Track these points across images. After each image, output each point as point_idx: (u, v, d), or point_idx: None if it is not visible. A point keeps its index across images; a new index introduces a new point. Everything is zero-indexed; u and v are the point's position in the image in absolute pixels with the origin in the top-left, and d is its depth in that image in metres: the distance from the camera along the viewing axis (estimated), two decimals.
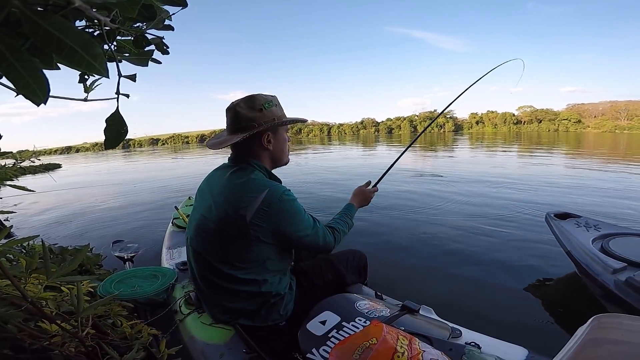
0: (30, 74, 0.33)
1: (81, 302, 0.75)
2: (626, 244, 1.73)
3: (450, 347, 0.94)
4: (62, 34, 0.31)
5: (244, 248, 1.06)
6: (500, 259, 2.53)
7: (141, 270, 1.61)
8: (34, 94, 0.34)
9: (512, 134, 49.18)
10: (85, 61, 0.33)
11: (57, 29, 0.31)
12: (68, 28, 0.31)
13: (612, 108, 69.37)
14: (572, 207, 3.85)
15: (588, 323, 0.72)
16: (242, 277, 1.08)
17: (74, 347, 0.83)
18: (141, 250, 3.00)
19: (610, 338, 0.70)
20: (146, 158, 22.42)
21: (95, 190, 7.61)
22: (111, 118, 0.48)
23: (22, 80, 0.33)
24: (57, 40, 0.31)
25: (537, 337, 1.65)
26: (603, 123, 62.83)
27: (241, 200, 1.03)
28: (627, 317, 0.71)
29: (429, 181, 6.03)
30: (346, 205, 1.44)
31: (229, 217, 1.04)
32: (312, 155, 15.70)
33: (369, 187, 1.55)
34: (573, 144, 17.86)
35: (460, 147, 18.10)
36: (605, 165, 7.99)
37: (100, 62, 0.34)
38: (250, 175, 1.09)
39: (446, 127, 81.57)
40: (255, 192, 1.04)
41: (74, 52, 0.32)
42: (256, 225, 1.03)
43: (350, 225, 1.36)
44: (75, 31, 0.32)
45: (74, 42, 0.32)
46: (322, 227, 1.19)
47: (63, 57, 0.32)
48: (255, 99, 1.12)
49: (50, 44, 0.31)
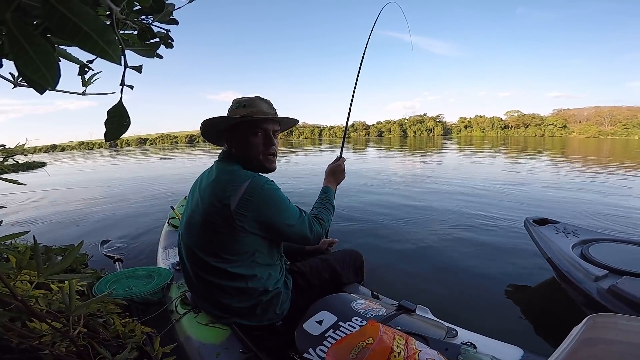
0: (42, 58, 0.32)
1: (72, 300, 0.74)
2: (606, 250, 1.74)
3: (446, 347, 0.95)
4: (79, 19, 0.30)
5: (231, 239, 1.06)
6: (496, 259, 2.56)
7: (136, 271, 1.60)
8: (43, 78, 0.33)
9: (500, 138, 49.96)
10: (99, 47, 0.33)
11: (74, 14, 0.30)
12: (85, 13, 0.31)
13: (596, 113, 71.01)
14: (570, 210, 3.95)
15: (583, 323, 0.73)
16: (231, 270, 1.08)
17: (64, 346, 0.82)
18: (131, 249, 2.95)
19: (605, 337, 0.71)
20: (135, 158, 22.05)
21: (82, 190, 7.46)
22: (113, 109, 0.48)
23: (33, 65, 0.32)
24: (73, 25, 0.31)
25: (532, 337, 1.66)
26: (587, 128, 64.29)
27: (225, 190, 1.04)
28: (622, 317, 0.72)
29: (423, 183, 6.09)
30: (322, 189, 1.43)
31: (214, 207, 1.04)
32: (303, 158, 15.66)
33: (337, 161, 1.54)
34: (558, 149, 18.26)
35: (449, 151, 18.30)
36: (585, 170, 8.18)
37: (114, 49, 0.34)
38: (233, 167, 1.12)
39: (435, 132, 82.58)
40: (238, 181, 1.06)
41: (89, 37, 0.32)
42: (240, 215, 1.03)
43: (332, 209, 1.36)
44: (92, 16, 0.31)
45: (89, 27, 0.31)
46: (308, 217, 1.19)
47: (77, 42, 0.32)
48: (233, 102, 1.20)
49: (65, 28, 0.30)
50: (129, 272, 1.58)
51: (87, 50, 0.33)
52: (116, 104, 0.48)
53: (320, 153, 18.62)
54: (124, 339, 0.95)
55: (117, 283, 1.47)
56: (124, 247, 3.01)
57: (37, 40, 0.31)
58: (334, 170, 1.50)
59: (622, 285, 1.39)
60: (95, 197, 6.33)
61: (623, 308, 1.34)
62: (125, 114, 0.49)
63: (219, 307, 1.14)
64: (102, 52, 0.33)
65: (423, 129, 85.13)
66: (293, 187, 6.04)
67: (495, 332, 1.10)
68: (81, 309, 0.75)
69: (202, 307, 1.21)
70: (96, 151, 63.63)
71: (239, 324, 1.13)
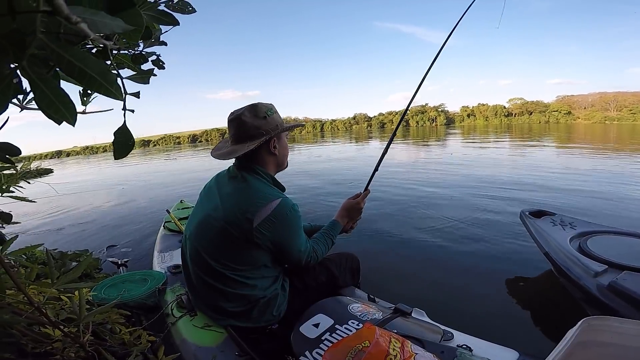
0: (61, 100, 0.37)
1: (82, 309, 0.77)
2: (604, 243, 1.68)
3: (442, 350, 0.96)
4: (83, 64, 0.34)
5: (243, 251, 1.08)
6: (492, 261, 2.52)
7: (132, 275, 1.61)
8: (64, 117, 0.38)
9: (504, 126, 49.33)
10: (103, 87, 0.37)
11: (78, 60, 0.34)
12: (87, 58, 0.35)
13: (601, 99, 70.00)
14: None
15: (578, 325, 0.74)
16: (236, 278, 1.10)
17: (74, 352, 0.85)
18: (135, 253, 2.98)
19: (600, 340, 0.72)
20: (138, 160, 22.20)
21: (89, 195, 7.52)
22: (119, 131, 0.51)
23: (54, 106, 0.37)
24: (79, 70, 0.35)
25: (527, 340, 1.64)
26: (593, 114, 63.43)
27: (251, 205, 1.06)
28: (616, 320, 0.73)
29: (420, 182, 5.93)
30: (331, 222, 1.41)
31: (237, 218, 1.06)
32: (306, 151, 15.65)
33: (357, 197, 1.46)
34: (563, 135, 18.01)
35: (452, 141, 18.13)
36: (591, 157, 8.05)
37: (116, 88, 0.38)
38: (262, 182, 1.14)
39: (438, 121, 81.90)
40: (266, 199, 1.08)
41: (94, 80, 0.36)
42: (260, 233, 1.06)
43: (330, 246, 1.36)
44: (94, 61, 0.35)
45: (93, 71, 0.35)
46: (310, 248, 1.23)
47: (85, 84, 0.36)
48: (258, 107, 1.15)
49: (74, 72, 0.35)
50: (125, 277, 1.59)
51: (94, 91, 0.37)
52: (121, 127, 0.51)
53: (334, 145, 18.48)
54: (129, 346, 0.98)
55: (113, 287, 1.48)
56: (129, 252, 3.06)
57: (52, 84, 0.35)
58: (351, 208, 1.43)
59: (622, 282, 1.35)
60: (101, 202, 6.40)
61: (624, 305, 1.30)
62: (129, 135, 0.52)
63: (217, 309, 1.15)
64: (106, 92, 0.37)
65: (425, 119, 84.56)
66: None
67: (491, 334, 1.10)
68: (89, 317, 0.78)
69: (200, 308, 1.23)
70: (100, 155, 64.08)
71: (235, 326, 1.14)
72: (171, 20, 0.58)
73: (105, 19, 0.33)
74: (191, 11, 0.61)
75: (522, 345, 1.03)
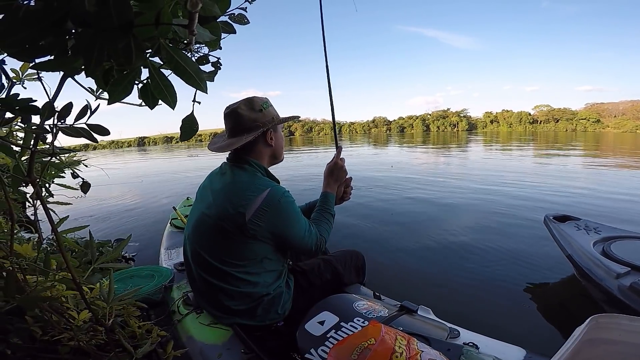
0: (169, 91, 0.50)
1: (111, 292, 0.82)
2: (628, 248, 1.68)
3: (448, 348, 0.94)
4: (185, 63, 0.46)
5: (240, 245, 1.08)
6: (498, 260, 2.51)
7: (140, 270, 1.63)
8: (169, 102, 0.51)
9: (528, 133, 47.93)
10: (196, 82, 0.48)
11: (183, 60, 0.46)
12: (188, 59, 0.46)
13: (633, 107, 67.12)
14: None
15: (586, 323, 0.73)
16: (237, 275, 1.10)
17: (86, 340, 0.87)
18: (141, 249, 3.03)
19: (608, 338, 0.71)
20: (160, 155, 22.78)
21: (115, 187, 7.71)
22: (187, 118, 0.63)
23: (163, 94, 0.50)
24: (182, 67, 0.46)
25: (534, 338, 1.64)
26: (623, 123, 60.86)
27: (242, 198, 1.06)
28: (624, 318, 0.72)
29: (430, 182, 5.93)
30: (322, 195, 1.36)
31: (228, 213, 1.06)
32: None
33: (334, 159, 1.38)
34: (591, 145, 17.37)
35: (474, 147, 17.82)
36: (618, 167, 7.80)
37: (204, 83, 0.49)
38: (251, 174, 1.13)
39: (459, 127, 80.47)
40: (257, 190, 1.07)
41: (190, 76, 0.47)
42: (254, 224, 1.05)
43: (332, 219, 1.32)
44: (191, 61, 0.47)
45: (191, 69, 0.47)
46: (315, 231, 1.21)
47: (184, 79, 0.48)
48: (254, 101, 1.17)
49: (179, 69, 0.47)
50: (132, 271, 1.62)
51: (189, 84, 0.49)
52: (189, 115, 0.63)
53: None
54: (140, 339, 1.00)
55: (121, 282, 1.50)
56: (136, 246, 3.11)
57: (165, 77, 0.49)
58: (333, 169, 1.37)
59: None
60: (117, 194, 6.51)
61: None
62: (195, 122, 0.64)
63: (222, 308, 1.15)
64: (197, 85, 0.49)
65: (447, 124, 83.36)
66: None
67: (498, 333, 1.09)
68: (116, 301, 0.83)
69: (204, 307, 1.23)
70: (125, 149, 66.10)
71: (241, 324, 1.13)
72: (230, 30, 0.69)
73: (203, 32, 0.45)
74: (246, 22, 0.70)
75: (530, 344, 1.02)
